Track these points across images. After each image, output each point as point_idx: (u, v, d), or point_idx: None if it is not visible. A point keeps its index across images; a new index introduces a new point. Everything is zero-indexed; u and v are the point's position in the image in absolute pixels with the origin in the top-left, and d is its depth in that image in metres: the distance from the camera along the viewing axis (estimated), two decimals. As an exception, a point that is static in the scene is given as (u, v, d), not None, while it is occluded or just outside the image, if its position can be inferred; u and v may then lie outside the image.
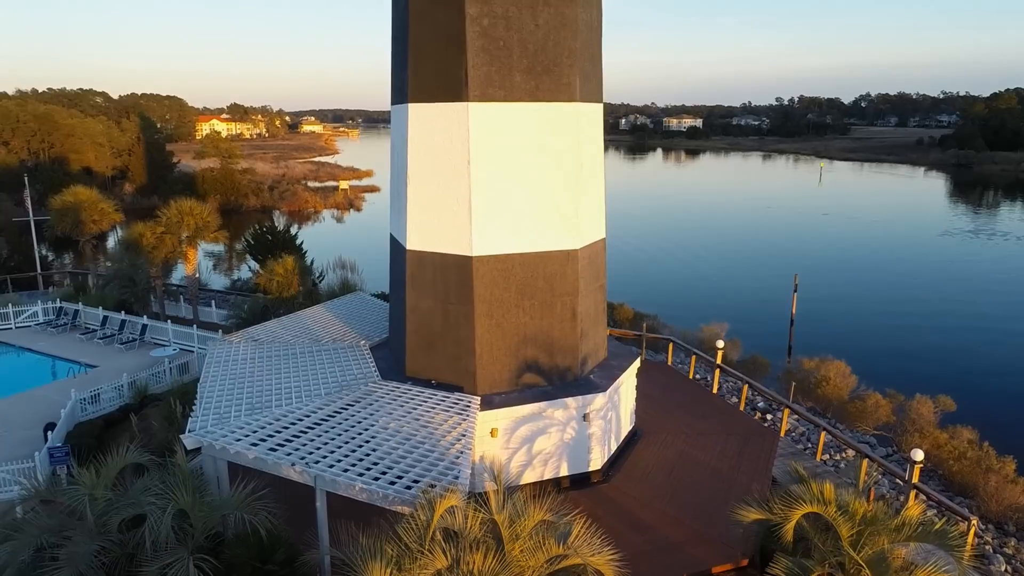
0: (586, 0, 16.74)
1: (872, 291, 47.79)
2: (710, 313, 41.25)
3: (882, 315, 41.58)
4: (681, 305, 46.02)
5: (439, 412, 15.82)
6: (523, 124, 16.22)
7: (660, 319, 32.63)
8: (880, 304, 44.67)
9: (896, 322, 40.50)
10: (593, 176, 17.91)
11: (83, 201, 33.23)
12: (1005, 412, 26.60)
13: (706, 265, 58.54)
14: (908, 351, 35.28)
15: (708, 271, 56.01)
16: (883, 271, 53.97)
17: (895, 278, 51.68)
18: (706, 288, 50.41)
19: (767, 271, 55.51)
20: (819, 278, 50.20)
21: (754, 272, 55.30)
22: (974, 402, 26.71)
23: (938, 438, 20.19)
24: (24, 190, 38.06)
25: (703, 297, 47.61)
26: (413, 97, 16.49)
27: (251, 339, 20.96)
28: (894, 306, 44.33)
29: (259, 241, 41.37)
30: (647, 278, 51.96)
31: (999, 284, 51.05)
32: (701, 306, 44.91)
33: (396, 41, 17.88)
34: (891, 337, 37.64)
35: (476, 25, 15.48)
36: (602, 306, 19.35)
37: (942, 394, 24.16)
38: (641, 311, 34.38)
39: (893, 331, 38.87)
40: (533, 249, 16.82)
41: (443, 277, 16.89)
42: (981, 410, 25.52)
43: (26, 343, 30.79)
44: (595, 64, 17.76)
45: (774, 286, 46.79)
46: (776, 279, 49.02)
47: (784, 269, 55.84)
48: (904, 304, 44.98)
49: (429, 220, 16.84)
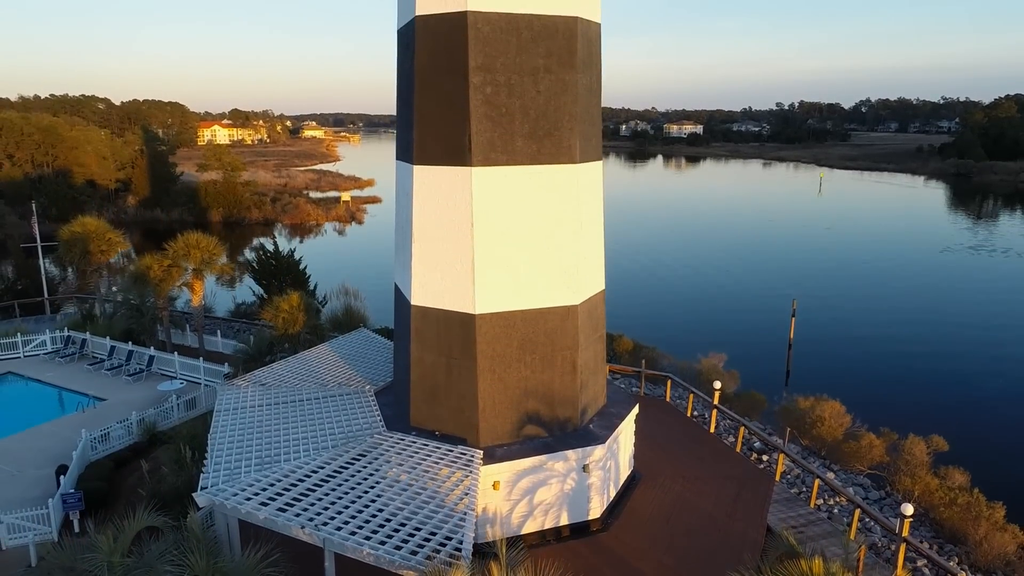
0: (586, 65, 17.24)
1: (870, 314, 48.12)
2: (708, 337, 41.76)
3: (880, 342, 41.88)
4: (679, 325, 46.50)
5: (444, 466, 16.28)
6: (525, 186, 16.72)
7: (658, 349, 33.09)
8: (878, 329, 44.99)
9: (893, 349, 40.87)
10: (592, 231, 18.40)
11: (91, 232, 33.77)
12: (998, 449, 27.06)
13: (705, 282, 59.01)
14: (904, 380, 35.71)
15: (707, 289, 56.47)
16: (882, 294, 54.15)
17: (894, 302, 51.86)
18: (704, 308, 50.86)
19: (766, 288, 55.98)
20: (818, 300, 50.56)
21: (753, 290, 55.75)
22: (968, 437, 27.17)
23: (929, 484, 20.65)
24: (32, 216, 38.57)
25: (701, 318, 48.07)
26: (418, 160, 16.99)
27: (258, 383, 21.43)
28: (891, 330, 44.71)
29: (263, 266, 41.97)
30: (645, 294, 52.42)
31: (998, 306, 51.33)
32: (699, 328, 45.42)
33: (401, 102, 18.39)
34: (888, 365, 38.03)
35: (479, 93, 15.98)
36: (601, 355, 19.83)
37: (935, 433, 24.58)
38: (640, 340, 34.87)
39: (890, 359, 39.23)
40: (534, 306, 17.30)
41: (447, 332, 17.37)
42: (974, 447, 25.99)
43: (35, 373, 31.27)
44: (595, 124, 18.26)
45: (773, 307, 47.21)
46: (775, 300, 49.48)
47: (783, 285, 56.40)
48: (901, 329, 45.34)
49: (433, 277, 17.33)
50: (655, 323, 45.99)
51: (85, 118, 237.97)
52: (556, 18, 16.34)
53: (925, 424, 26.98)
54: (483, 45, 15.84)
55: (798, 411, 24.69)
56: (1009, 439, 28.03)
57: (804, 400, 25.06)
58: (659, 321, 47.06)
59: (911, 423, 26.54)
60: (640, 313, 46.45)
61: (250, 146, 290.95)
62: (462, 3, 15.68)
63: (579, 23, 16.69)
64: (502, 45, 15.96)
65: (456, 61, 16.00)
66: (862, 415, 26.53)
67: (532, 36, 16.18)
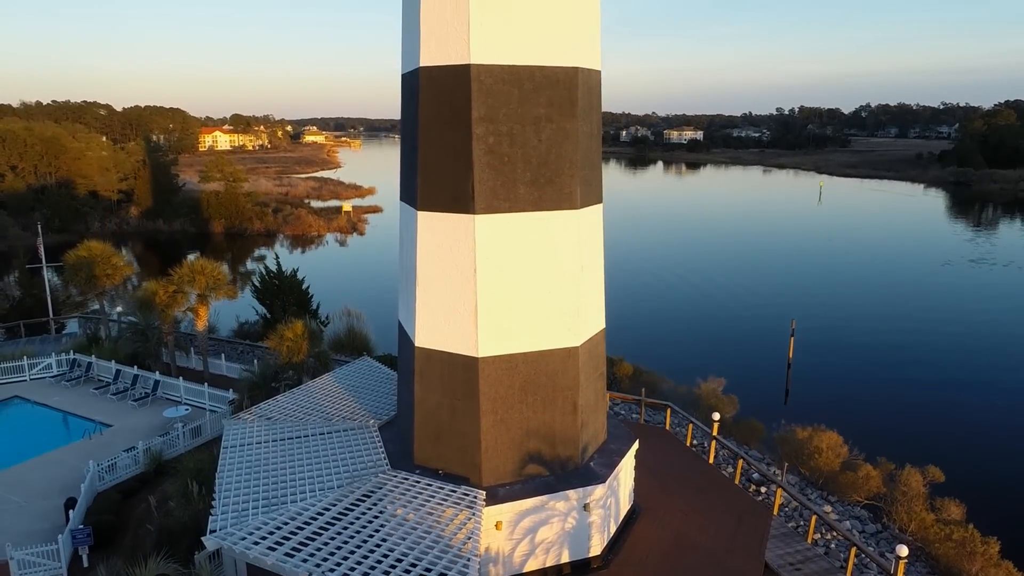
0: (586, 113, 17.60)
1: (869, 335, 48.05)
2: (706, 357, 42.08)
3: (878, 364, 42.04)
4: (677, 344, 46.78)
5: (448, 507, 16.58)
6: (527, 232, 17.05)
7: (657, 373, 33.41)
8: (876, 349, 45.12)
9: (891, 372, 41.11)
10: (593, 273, 18.73)
11: (96, 255, 34.14)
12: (995, 477, 27.34)
13: (704, 298, 59.28)
14: (902, 402, 35.98)
15: (706, 305, 56.74)
16: (882, 313, 54.11)
17: (894, 322, 51.65)
18: (703, 326, 51.11)
19: (765, 305, 56.26)
20: (817, 320, 50.70)
21: (752, 307, 56.01)
22: (964, 464, 27.50)
23: (925, 519, 20.95)
24: (38, 238, 38.98)
25: (700, 337, 48.30)
26: (422, 206, 17.34)
27: (263, 417, 21.75)
28: (890, 351, 44.89)
29: (266, 285, 42.30)
30: (643, 311, 52.62)
31: (1001, 326, 51.19)
32: (698, 347, 45.70)
33: (406, 145, 18.73)
34: (885, 386, 38.31)
35: (482, 143, 16.33)
36: (602, 392, 20.15)
37: (932, 460, 24.91)
38: (639, 361, 35.20)
39: (888, 381, 39.55)
40: (536, 348, 17.62)
41: (450, 374, 17.69)
42: (970, 476, 26.31)
43: (41, 397, 31.59)
44: (595, 168, 18.60)
45: (771, 328, 47.34)
46: (774, 320, 49.64)
47: (782, 301, 56.67)
48: (899, 349, 45.51)
49: (437, 321, 17.66)
50: (653, 340, 46.30)
51: (87, 124, 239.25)
52: (557, 69, 16.70)
53: (922, 449, 27.32)
54: (486, 96, 16.20)
55: (796, 441, 25.01)
56: (1006, 468, 28.28)
57: (802, 430, 25.37)
58: (657, 338, 47.35)
59: (908, 448, 26.88)
60: (638, 330, 46.70)
61: (251, 152, 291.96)
62: (465, 56, 16.04)
63: (580, 72, 17.05)
64: (505, 96, 16.32)
65: (459, 112, 16.35)
66: (859, 440, 26.86)
67: (534, 87, 16.54)
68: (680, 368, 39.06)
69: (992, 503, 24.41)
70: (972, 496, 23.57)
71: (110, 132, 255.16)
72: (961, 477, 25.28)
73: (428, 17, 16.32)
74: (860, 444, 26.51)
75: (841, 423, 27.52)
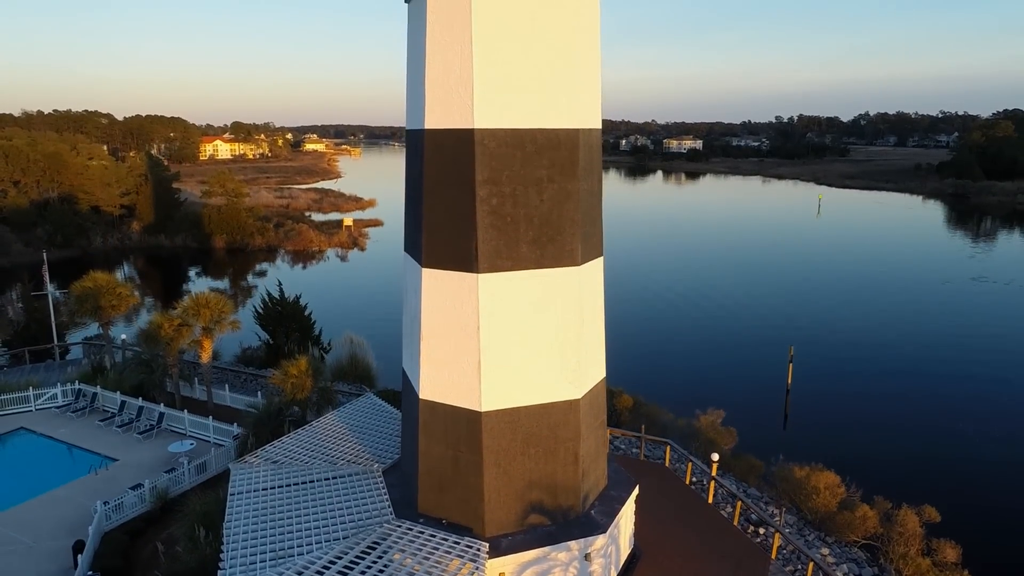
0: (587, 171, 18.00)
1: (867, 363, 47.71)
2: (705, 385, 42.39)
3: (875, 397, 42.04)
4: (676, 369, 46.91)
5: (454, 558, 16.91)
6: (529, 289, 17.42)
7: (657, 404, 33.74)
8: (874, 377, 44.87)
9: (887, 403, 41.18)
10: (593, 326, 19.10)
11: (102, 286, 34.54)
12: (992, 516, 27.57)
13: (703, 320, 59.46)
14: (899, 433, 36.07)
15: (705, 329, 56.83)
16: (882, 340, 53.11)
17: (893, 349, 51.11)
18: (702, 351, 51.13)
19: (763, 325, 56.47)
20: (815, 344, 50.67)
21: (751, 328, 56.22)
22: (961, 503, 27.77)
23: (920, 564, 21.25)
24: (43, 266, 39.38)
25: (699, 363, 48.23)
26: (427, 263, 17.71)
27: (269, 460, 22.08)
28: (888, 379, 44.94)
29: (269, 312, 42.69)
30: (641, 336, 52.68)
31: (1002, 354, 50.69)
32: (696, 374, 45.89)
33: (410, 199, 19.11)
34: (883, 417, 38.26)
35: (486, 205, 16.72)
36: (603, 440, 20.49)
37: (929, 498, 25.18)
38: (637, 390, 35.52)
39: (886, 412, 39.69)
40: (538, 401, 17.97)
41: (453, 427, 18.04)
42: (967, 514, 26.59)
43: (47, 429, 31.91)
44: (595, 224, 18.98)
45: (769, 357, 46.96)
46: (771, 347, 49.35)
47: (781, 322, 56.92)
48: (898, 376, 45.44)
49: (441, 374, 18.01)
50: (651, 364, 46.46)
51: (88, 134, 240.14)
52: (559, 131, 17.11)
53: (920, 485, 27.64)
54: (489, 160, 16.60)
55: (794, 480, 25.35)
56: (1003, 507, 28.47)
57: (800, 469, 25.69)
58: (655, 362, 47.52)
59: (906, 484, 27.17)
60: (636, 355, 46.79)
61: (252, 161, 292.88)
62: (469, 120, 16.44)
63: (581, 133, 17.46)
64: (507, 159, 16.71)
65: (463, 174, 16.74)
66: (856, 470, 27.18)
67: (536, 149, 16.94)
68: (679, 395, 39.41)
69: (989, 540, 24.70)
70: (969, 535, 23.82)
71: (111, 141, 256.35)
72: (959, 512, 25.58)
73: (433, 82, 16.73)
74: (857, 475, 26.70)
75: (838, 451, 27.83)
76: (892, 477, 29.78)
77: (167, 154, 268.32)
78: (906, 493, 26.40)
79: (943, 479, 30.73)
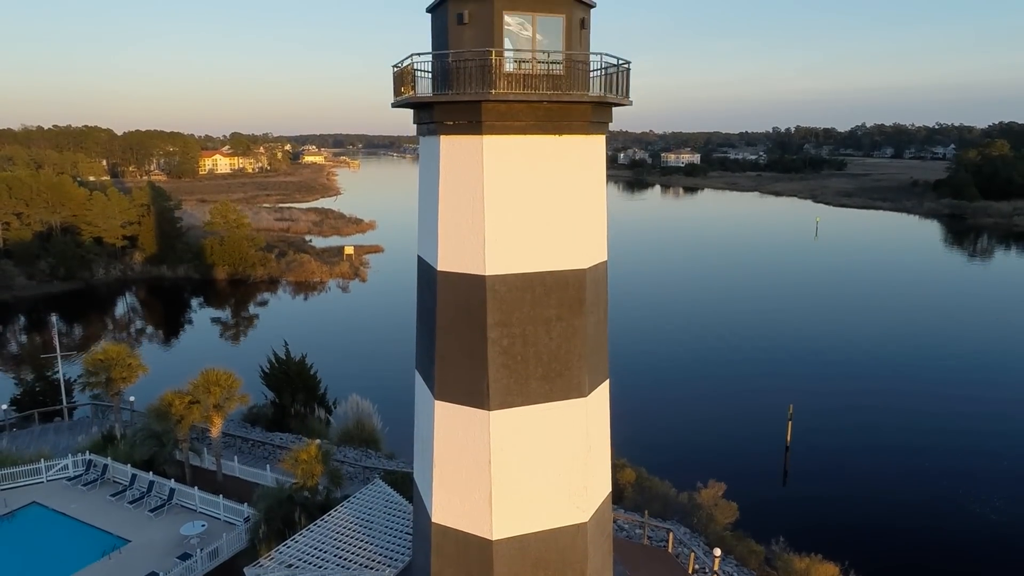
0: (594, 306, 18.62)
1: (870, 429, 46.42)
2: (704, 451, 42.52)
3: (875, 447, 42.61)
4: (676, 430, 45.23)
5: None
6: (538, 422, 18.01)
7: (658, 478, 34.24)
8: (876, 439, 44.63)
9: (887, 454, 41.82)
10: (600, 451, 19.70)
11: (112, 358, 35.15)
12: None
13: (701, 376, 57.77)
14: (900, 510, 35.61)
15: (703, 387, 54.92)
16: (884, 402, 51.04)
17: (894, 409, 49.62)
18: (702, 408, 50.15)
19: (761, 380, 55.60)
20: (815, 397, 50.24)
21: (750, 382, 55.33)
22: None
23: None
24: (52, 328, 39.93)
25: (697, 427, 46.81)
26: (439, 396, 18.30)
27: (283, 564, 22.64)
28: (885, 433, 45.08)
29: (274, 372, 43.23)
30: (640, 389, 51.57)
31: (1003, 404, 50.45)
32: (695, 438, 44.82)
33: (423, 330, 19.68)
34: (883, 485, 38.24)
35: (497, 346, 17.33)
36: (608, 552, 21.07)
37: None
38: (637, 459, 36.14)
39: (885, 463, 40.37)
40: (546, 527, 18.55)
41: (465, 552, 18.60)
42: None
43: (59, 504, 32.29)
44: (601, 352, 19.59)
45: (769, 417, 46.03)
46: (770, 409, 47.39)
47: (779, 373, 57.04)
48: (899, 438, 44.82)
49: (453, 501, 18.59)
50: (650, 427, 44.53)
51: (87, 150, 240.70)
52: (567, 272, 17.74)
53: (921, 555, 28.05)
54: (500, 303, 17.21)
55: (794, 570, 25.93)
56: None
57: (800, 560, 26.29)
58: (655, 423, 45.91)
59: (909, 546, 27.50)
60: (634, 415, 45.77)
61: (251, 175, 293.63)
62: (480, 267, 17.06)
63: (588, 272, 18.09)
64: (518, 302, 17.33)
65: (475, 315, 17.34)
66: (856, 560, 27.77)
67: (545, 290, 17.56)
68: (678, 455, 40.06)
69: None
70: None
71: (110, 157, 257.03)
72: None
73: (446, 230, 17.37)
74: (856, 564, 27.38)
75: (837, 517, 28.10)
76: (895, 542, 30.18)
77: (167, 169, 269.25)
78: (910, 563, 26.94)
79: (940, 553, 31.20)
